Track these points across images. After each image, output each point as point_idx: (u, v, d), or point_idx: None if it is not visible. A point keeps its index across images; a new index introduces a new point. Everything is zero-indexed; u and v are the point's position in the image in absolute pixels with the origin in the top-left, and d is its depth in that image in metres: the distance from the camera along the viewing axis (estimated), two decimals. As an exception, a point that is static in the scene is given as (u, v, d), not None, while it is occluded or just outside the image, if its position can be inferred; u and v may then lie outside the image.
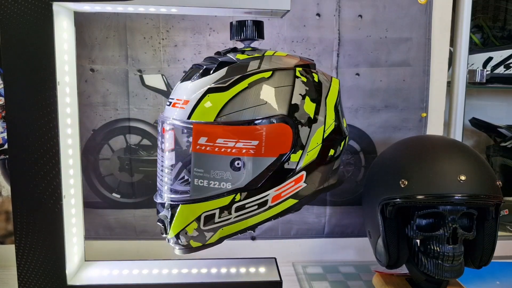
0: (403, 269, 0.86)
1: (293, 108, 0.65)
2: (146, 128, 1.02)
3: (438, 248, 0.76)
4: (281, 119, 0.64)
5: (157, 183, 0.75)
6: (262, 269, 0.85)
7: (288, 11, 0.74)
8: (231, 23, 0.73)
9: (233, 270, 0.85)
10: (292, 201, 0.68)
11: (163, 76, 1.00)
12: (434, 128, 1.06)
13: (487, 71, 1.21)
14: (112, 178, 1.03)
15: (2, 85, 0.98)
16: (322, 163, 0.69)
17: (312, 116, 0.67)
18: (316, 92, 0.68)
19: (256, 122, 0.64)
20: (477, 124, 1.35)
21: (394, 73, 1.04)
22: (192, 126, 0.64)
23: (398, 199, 0.77)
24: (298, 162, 0.66)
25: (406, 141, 0.89)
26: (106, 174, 1.03)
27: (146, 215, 1.05)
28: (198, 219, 0.68)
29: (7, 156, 1.01)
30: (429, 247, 0.77)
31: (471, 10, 1.08)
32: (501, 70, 1.27)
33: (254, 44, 0.75)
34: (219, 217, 0.67)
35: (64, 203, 0.77)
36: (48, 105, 0.74)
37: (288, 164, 0.66)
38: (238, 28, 0.72)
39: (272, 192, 0.66)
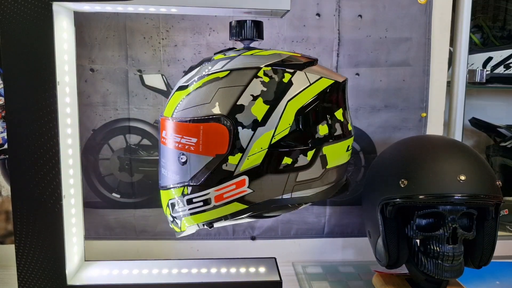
0: (403, 269, 0.86)
1: (237, 109, 0.63)
2: (146, 128, 1.02)
3: (438, 248, 0.76)
4: (217, 119, 0.63)
5: None
6: (262, 269, 0.85)
7: (288, 11, 0.74)
8: (230, 23, 0.73)
9: (233, 270, 0.85)
10: (239, 205, 0.66)
11: (163, 76, 1.00)
12: (434, 128, 1.06)
13: (487, 71, 1.21)
14: (112, 178, 1.03)
15: (2, 85, 0.98)
16: (271, 171, 0.65)
17: (259, 118, 0.63)
18: (275, 93, 0.64)
19: (194, 120, 0.65)
20: (477, 124, 1.35)
21: (394, 73, 1.04)
22: (159, 119, 0.71)
23: (398, 199, 0.77)
24: (237, 165, 0.64)
25: (406, 141, 0.89)
26: (106, 174, 1.03)
27: (146, 215, 1.05)
28: (168, 206, 0.72)
29: (7, 156, 1.01)
30: (429, 247, 0.77)
31: (471, 10, 1.08)
32: (501, 70, 1.27)
33: (254, 44, 0.75)
34: (178, 206, 0.70)
35: (64, 203, 0.77)
36: (48, 105, 0.74)
37: (226, 165, 0.64)
38: (237, 28, 0.72)
39: (212, 192, 0.66)
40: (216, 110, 0.64)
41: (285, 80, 0.66)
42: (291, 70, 0.67)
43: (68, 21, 0.79)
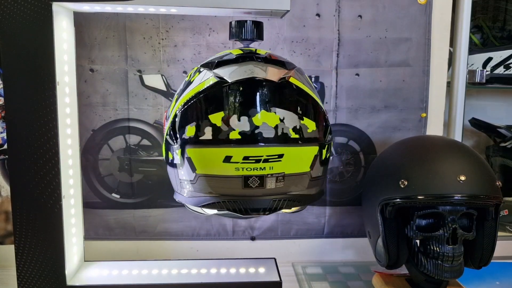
0: (403, 269, 0.86)
1: None
2: (145, 128, 1.02)
3: (437, 248, 0.76)
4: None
5: None
6: (261, 270, 0.85)
7: (288, 11, 0.74)
8: (230, 23, 0.73)
9: (232, 270, 0.85)
10: None
11: (163, 76, 1.00)
12: (434, 128, 1.06)
13: (486, 71, 1.21)
14: (111, 178, 1.03)
15: (1, 85, 0.98)
16: (166, 162, 0.73)
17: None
18: (181, 91, 0.70)
19: None
20: (476, 124, 1.35)
21: (393, 73, 1.04)
22: None
23: (398, 199, 0.77)
24: None
25: (406, 141, 0.89)
26: (106, 174, 1.03)
27: (145, 215, 1.05)
28: None
29: (7, 156, 1.01)
30: (429, 248, 0.77)
31: (471, 10, 1.08)
32: (500, 70, 1.27)
33: (254, 44, 0.75)
34: None
35: (63, 203, 0.77)
36: (47, 105, 0.74)
37: None
38: (237, 29, 0.72)
39: None
40: None
41: (192, 79, 0.68)
42: (202, 69, 0.68)
43: (67, 21, 0.79)
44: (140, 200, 1.04)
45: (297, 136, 0.64)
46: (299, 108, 0.65)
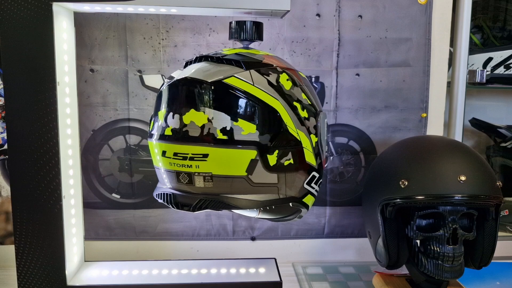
0: (403, 270, 0.86)
1: None
2: (146, 128, 1.02)
3: (438, 248, 0.76)
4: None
5: None
6: (262, 270, 0.85)
7: (288, 11, 0.74)
8: (230, 23, 0.73)
9: (233, 270, 0.85)
10: None
11: (163, 76, 1.00)
12: (434, 128, 1.06)
13: (487, 71, 1.21)
14: (111, 179, 1.03)
15: (2, 86, 0.98)
16: None
17: None
18: None
19: None
20: (477, 124, 1.35)
21: (394, 73, 1.04)
22: None
23: (398, 200, 0.76)
24: None
25: (406, 142, 0.89)
26: (106, 175, 1.03)
27: (146, 215, 1.05)
28: None
29: (7, 156, 1.01)
30: (429, 248, 0.77)
31: (471, 10, 1.08)
32: (501, 70, 1.27)
33: (254, 45, 0.75)
34: None
35: (64, 204, 0.77)
36: (47, 106, 0.74)
37: None
38: (237, 29, 0.72)
39: None
40: None
41: None
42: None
43: (68, 22, 0.79)
44: (140, 200, 1.04)
45: (224, 137, 0.63)
46: (234, 110, 0.64)
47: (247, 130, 0.64)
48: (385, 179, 0.81)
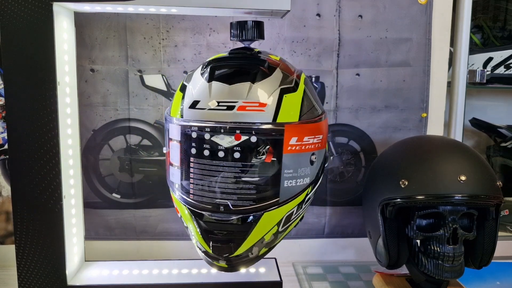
0: (403, 270, 0.86)
1: None
2: (146, 128, 1.02)
3: (438, 248, 0.76)
4: (326, 114, 0.72)
5: (201, 198, 0.66)
6: (262, 269, 0.85)
7: (288, 11, 0.74)
8: (231, 23, 0.73)
9: (233, 270, 0.85)
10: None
11: (163, 76, 1.00)
12: (434, 128, 1.06)
13: (487, 71, 1.21)
14: (112, 178, 1.03)
15: (2, 85, 0.98)
16: None
17: None
18: None
19: (322, 117, 0.70)
20: (477, 124, 1.35)
21: (394, 73, 1.04)
22: (283, 128, 0.63)
23: (398, 199, 0.77)
24: None
25: (406, 141, 0.89)
26: (106, 174, 1.03)
27: (146, 215, 1.05)
28: (279, 222, 0.68)
29: (7, 156, 1.01)
30: (429, 248, 0.77)
31: (471, 10, 1.08)
32: (501, 70, 1.27)
33: (254, 44, 0.75)
34: (295, 214, 0.69)
35: (64, 203, 0.77)
36: (48, 105, 0.74)
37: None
38: (238, 29, 0.72)
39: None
40: (321, 108, 0.72)
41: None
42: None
43: (68, 22, 0.79)
44: (140, 200, 1.04)
45: None
46: None
47: None
48: (385, 179, 0.81)
